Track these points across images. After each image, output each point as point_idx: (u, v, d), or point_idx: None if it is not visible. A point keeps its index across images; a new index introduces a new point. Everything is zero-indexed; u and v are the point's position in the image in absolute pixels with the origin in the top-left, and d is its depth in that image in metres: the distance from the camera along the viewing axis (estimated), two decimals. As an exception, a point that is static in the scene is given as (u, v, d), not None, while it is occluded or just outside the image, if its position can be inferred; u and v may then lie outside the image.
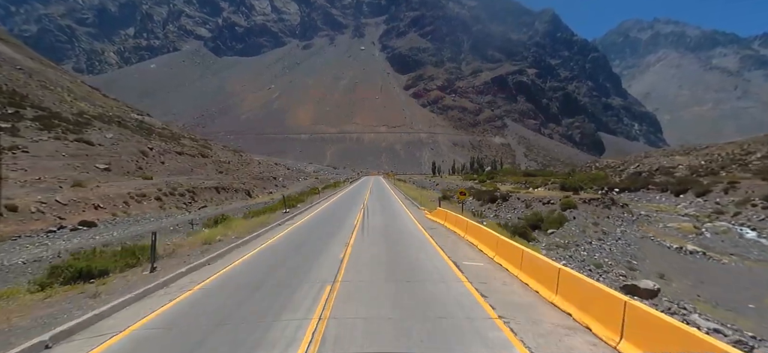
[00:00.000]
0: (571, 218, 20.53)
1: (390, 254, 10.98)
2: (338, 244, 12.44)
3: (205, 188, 27.64)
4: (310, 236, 14.34)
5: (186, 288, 7.80)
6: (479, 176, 68.14)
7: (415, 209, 22.96)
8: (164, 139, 61.78)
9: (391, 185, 55.93)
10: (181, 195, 24.70)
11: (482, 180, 60.58)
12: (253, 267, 9.70)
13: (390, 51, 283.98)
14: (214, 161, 61.74)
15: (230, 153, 73.32)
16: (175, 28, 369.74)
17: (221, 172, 44.63)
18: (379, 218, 18.20)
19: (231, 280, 8.47)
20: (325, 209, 23.36)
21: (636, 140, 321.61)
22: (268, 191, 40.19)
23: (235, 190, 30.38)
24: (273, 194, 33.94)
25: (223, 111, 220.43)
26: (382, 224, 16.28)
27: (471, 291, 7.53)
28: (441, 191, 49.91)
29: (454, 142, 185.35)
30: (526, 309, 6.51)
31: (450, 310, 6.41)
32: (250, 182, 43.33)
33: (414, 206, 23.72)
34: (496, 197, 27.21)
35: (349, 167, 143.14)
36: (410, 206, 23.73)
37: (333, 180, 68.43)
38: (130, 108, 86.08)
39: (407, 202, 26.41)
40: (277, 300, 6.95)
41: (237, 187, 31.05)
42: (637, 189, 36.83)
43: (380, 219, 17.83)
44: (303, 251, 11.67)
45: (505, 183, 53.03)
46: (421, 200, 25.52)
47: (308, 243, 12.91)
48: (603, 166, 67.46)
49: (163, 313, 6.48)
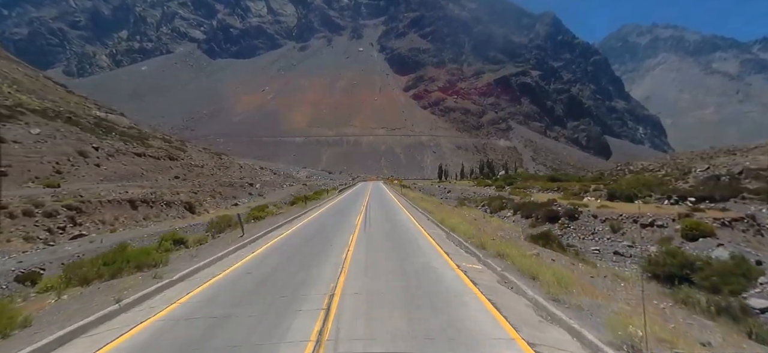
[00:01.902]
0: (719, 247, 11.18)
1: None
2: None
3: (111, 201, 18.49)
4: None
5: None
6: (495, 181, 58.75)
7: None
8: (127, 139, 52.60)
9: (398, 197, 35.67)
10: (49, 215, 15.57)
11: (501, 186, 51.36)
12: None
13: (389, 52, 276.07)
14: (184, 164, 52.45)
15: (208, 156, 64.01)
16: (168, 30, 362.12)
17: (178, 177, 35.33)
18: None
19: None
20: (285, 240, 13.70)
21: (641, 143, 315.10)
22: (234, 203, 30.88)
23: (167, 204, 21.05)
24: (238, 207, 24.97)
25: (214, 113, 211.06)
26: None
27: None
28: (457, 200, 40.49)
29: (457, 145, 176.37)
30: None
31: None
32: (217, 189, 34.07)
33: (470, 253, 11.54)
34: (556, 214, 17.90)
35: (346, 172, 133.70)
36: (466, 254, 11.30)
37: (325, 187, 58.72)
38: (99, 106, 76.71)
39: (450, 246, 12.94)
40: None
41: (171, 200, 21.60)
42: (725, 198, 27.37)
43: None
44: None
45: (532, 190, 43.78)
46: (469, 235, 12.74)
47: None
48: (638, 169, 58.40)
49: None
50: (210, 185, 34.35)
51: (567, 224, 17.00)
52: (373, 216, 18.50)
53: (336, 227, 15.20)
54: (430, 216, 16.81)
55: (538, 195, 34.48)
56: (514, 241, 12.14)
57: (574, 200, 29.57)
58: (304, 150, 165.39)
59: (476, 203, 34.89)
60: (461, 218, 16.10)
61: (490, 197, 33.09)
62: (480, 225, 14.75)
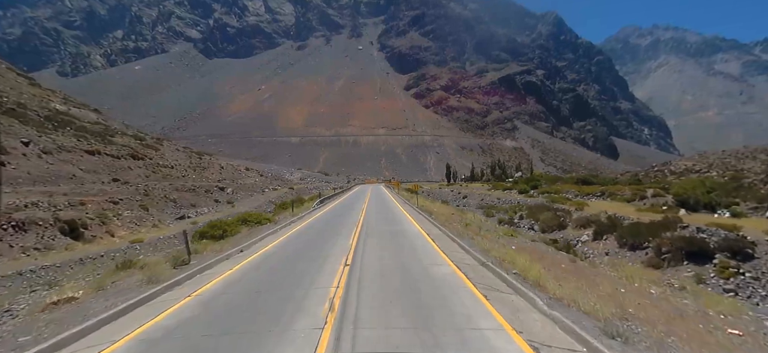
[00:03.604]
0: None
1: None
2: None
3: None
4: None
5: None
6: (515, 183, 50.61)
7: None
8: (84, 135, 44.77)
9: (409, 210, 24.32)
10: None
11: (525, 191, 43.34)
12: None
13: (389, 50, 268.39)
14: (150, 164, 44.49)
15: (185, 156, 55.96)
16: (164, 30, 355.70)
17: (117, 179, 27.36)
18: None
19: None
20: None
21: (647, 144, 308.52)
22: (180, 216, 22.90)
23: (39, 223, 12.78)
24: (181, 224, 17.32)
25: (207, 113, 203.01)
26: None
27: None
28: (478, 208, 32.45)
29: (461, 145, 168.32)
30: None
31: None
32: (170, 195, 26.18)
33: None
34: (704, 247, 9.83)
35: (344, 173, 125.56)
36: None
37: (317, 191, 50.60)
38: (69, 100, 68.75)
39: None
40: None
41: (45, 218, 13.31)
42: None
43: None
44: None
45: (567, 194, 35.71)
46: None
47: None
48: (680, 169, 50.48)
49: None
50: (161, 190, 26.47)
51: (737, 270, 9.01)
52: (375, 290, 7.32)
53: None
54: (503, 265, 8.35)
55: (594, 204, 26.37)
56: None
57: (649, 212, 21.57)
58: (301, 151, 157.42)
59: (506, 212, 26.84)
60: (539, 264, 8.07)
61: (529, 207, 24.99)
62: (586, 280, 6.86)
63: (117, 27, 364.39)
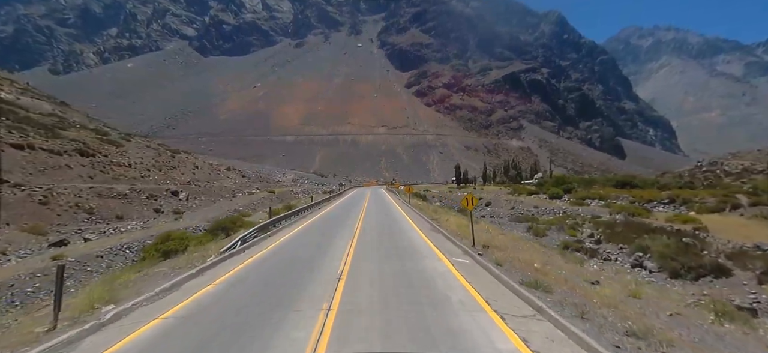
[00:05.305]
0: None
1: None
2: None
3: None
4: None
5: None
6: (540, 186, 42.72)
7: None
8: (20, 127, 37.04)
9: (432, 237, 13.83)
10: None
11: (557, 195, 35.57)
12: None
13: (389, 47, 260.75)
14: (99, 162, 36.61)
15: (154, 154, 48.10)
16: (159, 27, 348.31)
17: (6, 181, 19.56)
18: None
19: None
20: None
21: (652, 145, 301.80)
22: (61, 237, 15.14)
23: None
24: (47, 252, 10.02)
25: (199, 112, 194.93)
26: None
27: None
28: (529, 229, 24.67)
29: (465, 145, 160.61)
30: None
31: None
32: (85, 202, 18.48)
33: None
34: None
35: (342, 174, 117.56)
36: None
37: (308, 194, 42.65)
38: (26, 90, 60.94)
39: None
40: None
41: None
42: None
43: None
44: None
45: (619, 200, 27.94)
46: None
47: None
48: (737, 169, 42.80)
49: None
50: (74, 197, 18.82)
51: None
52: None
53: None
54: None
55: (678, 217, 18.57)
56: None
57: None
58: (296, 150, 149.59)
59: (563, 228, 19.05)
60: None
61: (601, 223, 17.10)
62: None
63: (111, 25, 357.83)
